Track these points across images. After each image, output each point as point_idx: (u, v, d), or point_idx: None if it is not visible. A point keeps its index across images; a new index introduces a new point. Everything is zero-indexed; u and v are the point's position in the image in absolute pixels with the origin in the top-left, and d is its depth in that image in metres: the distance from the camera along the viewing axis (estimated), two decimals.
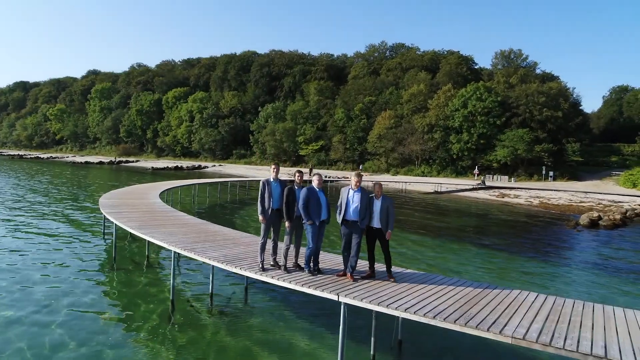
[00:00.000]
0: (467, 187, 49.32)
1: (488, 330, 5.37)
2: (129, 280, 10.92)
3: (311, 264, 7.53)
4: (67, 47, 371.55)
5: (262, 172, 74.26)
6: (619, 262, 16.39)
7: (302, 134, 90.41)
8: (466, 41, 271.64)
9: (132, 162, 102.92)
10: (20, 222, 18.32)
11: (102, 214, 14.32)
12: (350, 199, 7.26)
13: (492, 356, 7.64)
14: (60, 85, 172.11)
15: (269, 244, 7.94)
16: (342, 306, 6.40)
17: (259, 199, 7.78)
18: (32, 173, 53.23)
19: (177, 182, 30.17)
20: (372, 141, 75.47)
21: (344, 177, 62.58)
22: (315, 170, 66.16)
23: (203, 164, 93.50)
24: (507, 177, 60.22)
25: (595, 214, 25.95)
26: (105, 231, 16.19)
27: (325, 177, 60.65)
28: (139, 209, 14.33)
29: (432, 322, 5.77)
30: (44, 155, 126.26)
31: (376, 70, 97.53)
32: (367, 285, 6.99)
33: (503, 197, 42.10)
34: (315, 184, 7.62)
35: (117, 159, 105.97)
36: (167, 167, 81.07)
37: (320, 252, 7.99)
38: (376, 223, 7.39)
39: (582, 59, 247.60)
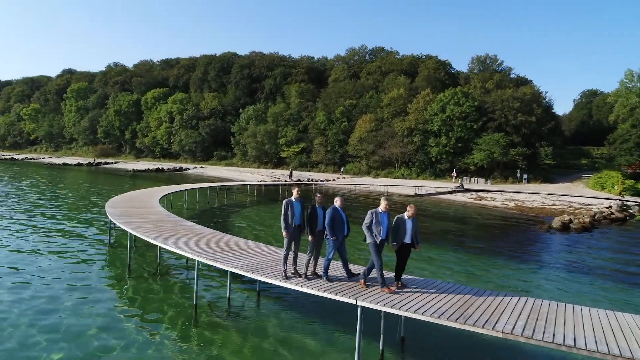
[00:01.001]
0: (447, 189, 51.17)
1: (483, 327, 6.63)
2: (147, 288, 11.82)
3: (328, 272, 8.68)
4: (41, 45, 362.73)
5: (244, 174, 75.06)
6: (587, 264, 18.01)
7: (284, 136, 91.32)
8: (444, 45, 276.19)
9: (111, 163, 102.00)
10: (28, 235, 18.94)
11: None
12: (381, 221, 8.30)
13: (473, 349, 8.93)
14: (34, 84, 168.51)
15: (290, 255, 9.02)
16: (359, 309, 7.57)
17: (282, 217, 8.83)
18: (18, 176, 52.83)
19: (175, 187, 30.88)
20: (353, 144, 76.94)
21: (326, 180, 63.91)
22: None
23: (184, 165, 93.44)
24: (483, 179, 62.53)
25: (567, 218, 27.84)
26: (111, 239, 17.03)
27: (309, 179, 61.82)
28: (148, 218, 15.20)
29: (437, 321, 7.00)
30: (18, 156, 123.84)
31: (356, 74, 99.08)
32: (378, 290, 8.16)
33: (481, 200, 44.02)
34: (338, 204, 8.72)
35: (96, 160, 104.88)
36: (148, 169, 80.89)
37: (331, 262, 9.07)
38: (408, 239, 8.47)
39: (554, 63, 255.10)
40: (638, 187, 52.53)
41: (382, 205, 8.36)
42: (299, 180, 60.03)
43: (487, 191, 49.95)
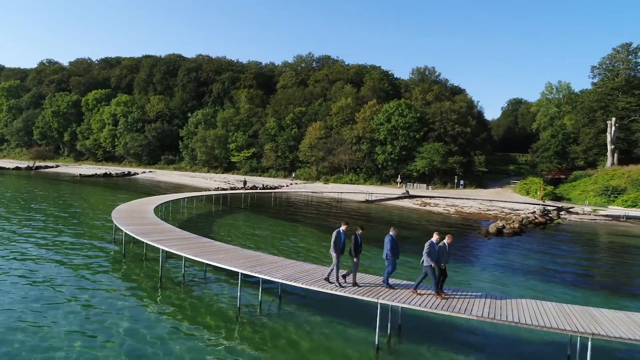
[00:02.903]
0: (394, 196, 55.80)
1: (464, 312, 10.14)
2: (181, 296, 14.28)
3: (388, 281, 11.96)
4: None
5: (197, 180, 75.99)
6: (519, 264, 22.41)
7: (234, 141, 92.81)
8: (385, 54, 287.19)
9: (52, 167, 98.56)
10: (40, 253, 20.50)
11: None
12: (437, 250, 11.57)
13: (453, 331, 12.48)
14: None
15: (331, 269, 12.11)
16: (378, 306, 10.85)
17: (333, 243, 11.74)
18: None
19: (167, 197, 32.58)
20: (304, 150, 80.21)
21: (279, 185, 66.70)
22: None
23: (132, 170, 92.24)
24: (425, 185, 68.12)
25: (500, 224, 32.74)
26: (125, 253, 19.19)
27: (263, 185, 64.34)
28: (170, 235, 17.49)
29: (429, 310, 10.43)
30: None
31: (304, 81, 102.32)
32: (390, 292, 11.45)
33: (425, 206, 48.86)
34: (393, 233, 11.97)
35: (35, 164, 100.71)
36: (96, 174, 79.51)
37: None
38: (444, 261, 11.76)
39: (484, 73, 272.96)
40: (556, 192, 59.91)
41: (434, 238, 11.61)
42: (254, 186, 62.50)
43: (430, 197, 55.06)
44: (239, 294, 13.10)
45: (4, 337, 10.43)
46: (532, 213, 41.33)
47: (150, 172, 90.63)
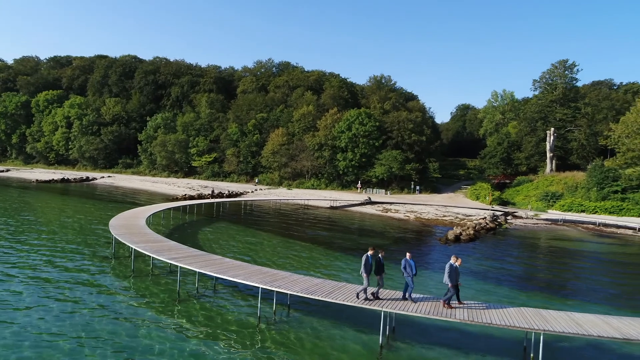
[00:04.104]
0: (357, 202, 59.12)
1: (450, 316, 13.07)
2: (196, 309, 16.44)
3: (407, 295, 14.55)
4: None
5: (160, 185, 76.25)
6: (476, 270, 25.95)
7: (195, 145, 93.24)
8: (343, 59, 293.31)
9: (2, 171, 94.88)
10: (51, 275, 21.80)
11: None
12: (457, 271, 14.30)
13: (441, 335, 15.43)
14: None
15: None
16: (382, 313, 13.60)
17: (363, 265, 14.19)
18: None
19: (151, 208, 33.73)
20: (266, 156, 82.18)
21: (245, 192, 68.47)
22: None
23: (90, 175, 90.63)
24: (383, 190, 72.06)
25: (458, 231, 36.55)
26: (134, 268, 20.98)
27: (229, 192, 65.89)
28: (181, 253, 19.42)
29: (421, 315, 13.32)
30: None
31: (264, 87, 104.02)
32: (390, 302, 14.22)
33: (386, 212, 52.40)
34: (408, 256, 14.70)
35: None
36: (53, 179, 77.89)
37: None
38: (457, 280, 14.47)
39: (435, 78, 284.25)
40: (503, 197, 65.43)
41: (452, 260, 14.40)
42: (220, 193, 63.97)
43: (390, 203, 58.76)
44: (259, 305, 15.51)
45: None
46: (483, 219, 45.70)
47: (109, 177, 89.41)
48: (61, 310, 15.24)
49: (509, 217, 51.29)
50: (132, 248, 20.58)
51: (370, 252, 14.46)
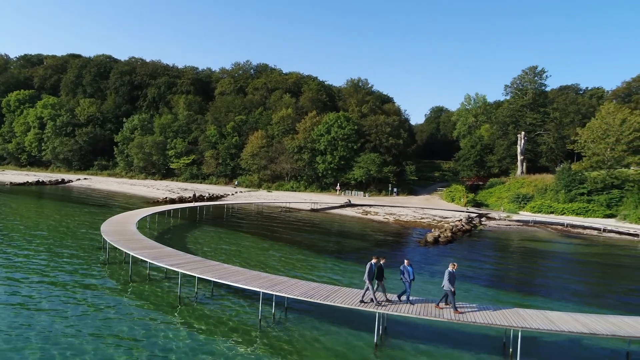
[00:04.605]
0: (337, 204, 60.44)
1: (438, 316, 14.41)
2: (199, 312, 17.35)
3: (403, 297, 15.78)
4: None
5: (139, 188, 75.93)
6: (457, 269, 27.49)
7: (173, 147, 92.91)
8: (319, 59, 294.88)
9: None
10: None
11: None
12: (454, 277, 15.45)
13: (430, 333, 16.77)
14: None
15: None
16: (376, 315, 14.84)
17: (367, 272, 15.23)
18: None
19: (139, 213, 33.95)
20: (246, 158, 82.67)
21: (225, 194, 68.94)
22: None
23: (66, 177, 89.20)
24: (362, 192, 73.66)
25: (436, 233, 38.25)
26: (132, 276, 21.70)
27: (209, 194, 66.26)
28: (180, 259, 20.22)
29: (412, 315, 14.63)
30: None
31: (242, 88, 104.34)
32: (384, 304, 15.46)
33: (366, 215, 53.88)
34: (406, 263, 15.88)
35: None
36: (28, 182, 76.56)
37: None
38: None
39: (409, 80, 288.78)
40: (477, 199, 67.88)
41: (450, 267, 15.53)
42: (201, 195, 64.30)
43: (370, 205, 60.33)
44: (260, 308, 16.57)
45: None
46: (459, 221, 47.67)
47: (85, 179, 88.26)
48: (68, 315, 15.96)
49: (483, 219, 53.50)
50: (130, 255, 21.26)
51: (373, 261, 15.67)
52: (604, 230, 46.62)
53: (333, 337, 15.36)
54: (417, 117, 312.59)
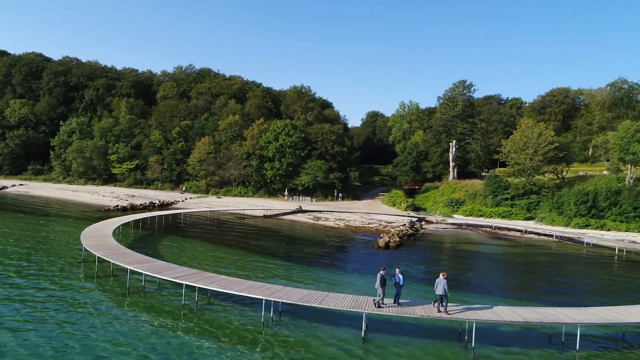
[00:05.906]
0: (289, 210, 63.48)
1: (412, 314, 18.11)
2: (203, 319, 19.90)
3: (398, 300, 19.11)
4: None
5: (83, 195, 74.46)
6: (409, 272, 31.72)
7: (115, 152, 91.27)
8: (260, 63, 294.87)
9: None
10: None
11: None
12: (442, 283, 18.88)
13: (406, 328, 20.44)
14: None
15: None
16: (364, 315, 18.27)
17: (379, 282, 18.39)
18: None
19: (113, 222, 34.73)
20: (193, 164, 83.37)
21: (175, 201, 69.71)
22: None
23: (0, 183, 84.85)
24: (309, 197, 77.23)
25: (387, 238, 42.55)
26: (129, 288, 23.62)
27: (159, 201, 66.81)
28: (178, 272, 22.45)
29: (402, 314, 18.26)
30: None
31: (186, 93, 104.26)
32: (370, 306, 18.91)
33: (318, 220, 57.43)
34: (398, 271, 19.19)
35: None
36: None
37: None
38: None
39: (345, 83, 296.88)
40: (415, 204, 73.79)
41: (442, 276, 18.89)
42: (152, 203, 64.73)
43: (320, 211, 63.96)
44: (262, 313, 19.49)
45: None
46: (403, 225, 52.55)
47: (20, 184, 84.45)
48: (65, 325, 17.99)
49: (423, 223, 58.94)
50: (127, 268, 23.21)
51: (382, 272, 19.07)
52: (525, 231, 53.50)
53: (327, 334, 18.63)
54: (353, 121, 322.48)
